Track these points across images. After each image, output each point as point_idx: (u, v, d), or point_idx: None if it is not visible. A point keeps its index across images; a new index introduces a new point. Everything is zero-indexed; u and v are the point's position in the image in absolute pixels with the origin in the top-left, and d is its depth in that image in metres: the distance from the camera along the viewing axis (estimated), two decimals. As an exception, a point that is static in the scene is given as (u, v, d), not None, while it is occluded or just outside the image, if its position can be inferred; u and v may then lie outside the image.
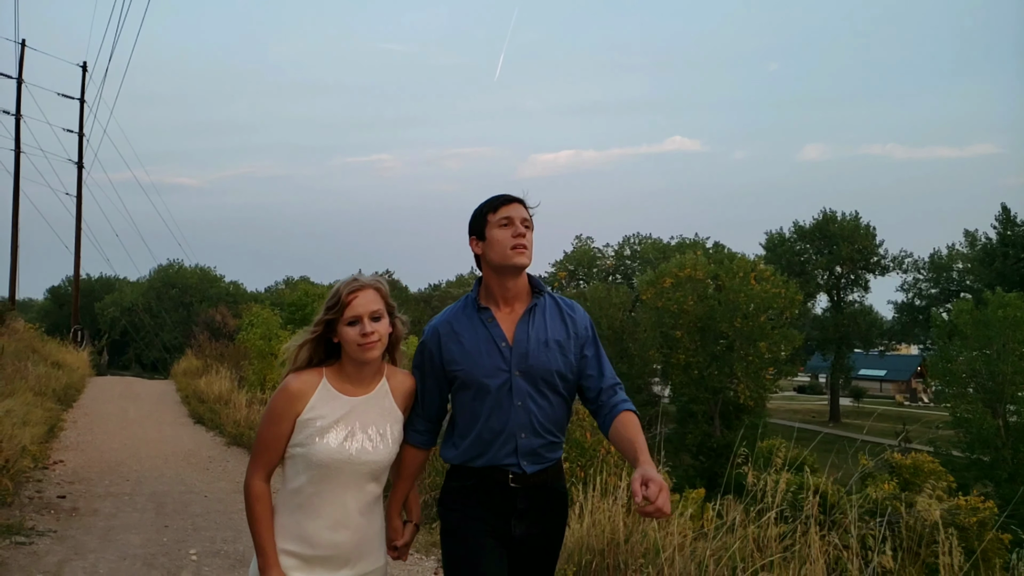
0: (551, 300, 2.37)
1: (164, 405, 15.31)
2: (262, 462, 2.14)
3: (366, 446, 2.14)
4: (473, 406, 2.24)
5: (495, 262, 2.26)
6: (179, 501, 6.55)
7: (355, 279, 2.16)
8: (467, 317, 2.32)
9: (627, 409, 2.31)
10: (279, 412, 2.12)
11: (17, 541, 4.83)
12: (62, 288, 46.71)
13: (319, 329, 2.14)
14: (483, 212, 2.31)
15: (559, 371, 2.26)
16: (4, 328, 17.94)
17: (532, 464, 2.25)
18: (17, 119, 24.90)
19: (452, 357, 2.27)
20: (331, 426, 2.12)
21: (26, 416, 8.82)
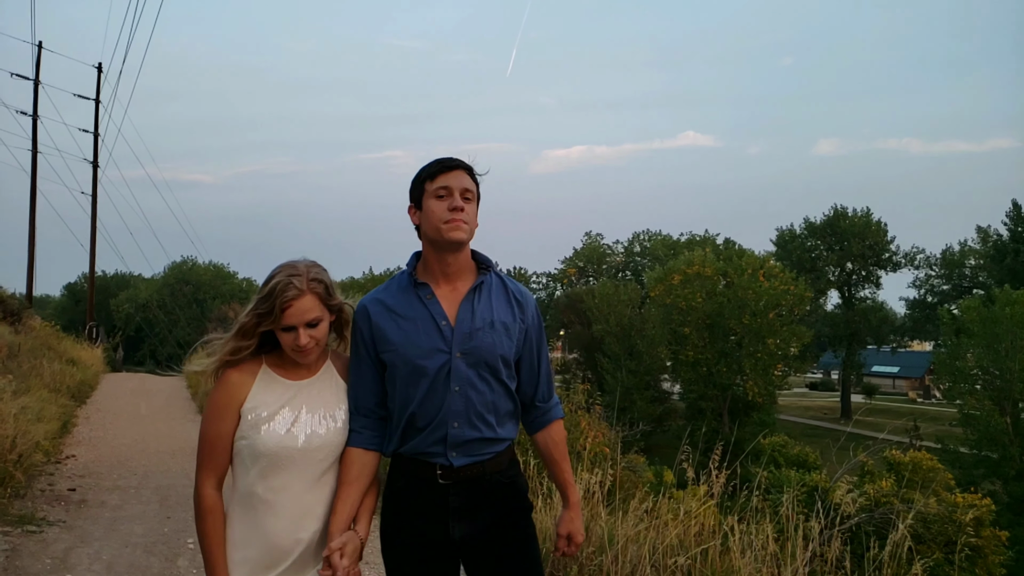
0: (497, 279, 2.16)
1: (175, 401, 15.64)
2: (210, 466, 1.97)
3: (316, 430, 1.99)
4: (406, 392, 2.03)
5: (429, 236, 2.05)
6: (182, 494, 6.81)
7: (290, 281, 1.93)
8: (402, 292, 2.09)
9: (559, 418, 2.23)
10: (220, 406, 1.97)
11: (28, 530, 5.11)
12: (78, 285, 47.39)
13: (249, 329, 1.96)
14: (420, 179, 2.09)
15: (504, 356, 2.06)
16: (21, 326, 18.34)
17: (462, 457, 2.04)
18: (34, 120, 25.37)
19: (384, 336, 2.04)
20: (276, 413, 1.96)
21: (40, 412, 9.14)
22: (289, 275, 1.94)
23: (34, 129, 25.26)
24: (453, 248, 2.05)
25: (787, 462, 16.22)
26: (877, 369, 64.15)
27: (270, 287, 1.93)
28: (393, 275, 2.23)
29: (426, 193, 2.06)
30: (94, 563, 4.60)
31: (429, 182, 2.06)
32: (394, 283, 2.15)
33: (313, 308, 1.95)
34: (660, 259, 49.01)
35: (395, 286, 2.13)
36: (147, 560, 4.72)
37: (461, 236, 2.02)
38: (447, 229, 2.01)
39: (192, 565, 4.68)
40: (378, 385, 2.10)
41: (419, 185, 2.09)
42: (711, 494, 4.36)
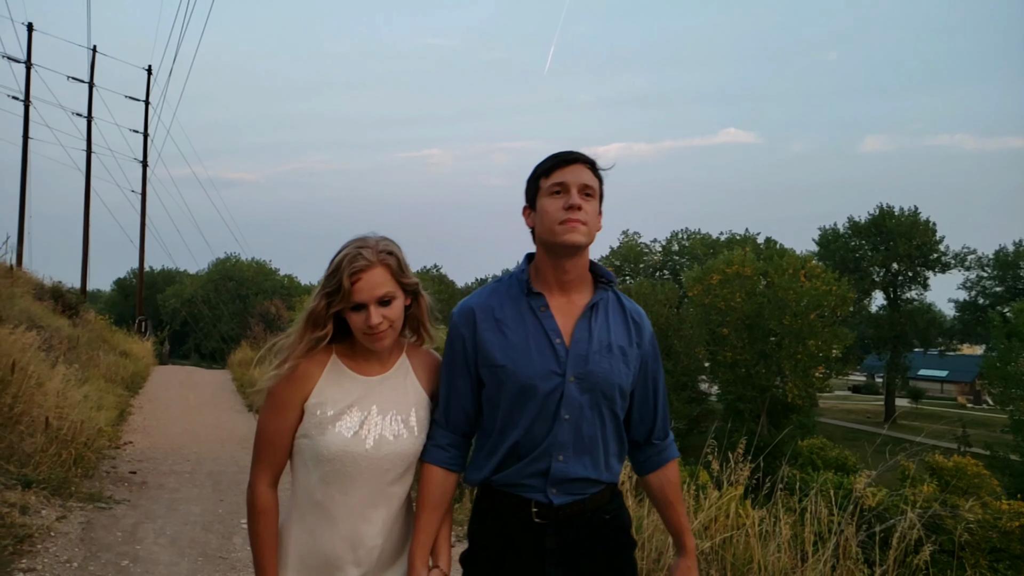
0: (615, 298, 1.93)
1: (221, 393, 16.18)
2: (266, 463, 1.80)
3: (386, 435, 1.78)
4: (510, 415, 1.80)
5: (543, 238, 1.82)
6: (233, 480, 7.16)
7: (359, 252, 1.74)
8: (512, 301, 1.86)
9: (674, 458, 2.02)
10: (282, 399, 1.77)
11: (99, 506, 5.49)
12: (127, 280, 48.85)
13: (320, 315, 1.76)
14: (535, 176, 1.87)
15: (621, 385, 1.84)
16: (78, 319, 19.11)
17: (562, 495, 1.80)
18: (88, 121, 26.35)
19: (489, 349, 1.81)
20: (343, 412, 1.77)
21: (100, 401, 9.63)
22: (357, 247, 1.75)
23: (88, 130, 26.25)
24: (569, 252, 1.81)
25: (825, 464, 16.07)
26: (924, 373, 62.60)
27: (337, 260, 1.74)
28: (498, 277, 2.00)
29: (541, 191, 1.84)
30: (159, 537, 4.93)
31: (544, 178, 1.84)
32: (502, 287, 1.91)
33: (384, 282, 1.74)
34: (699, 258, 48.56)
35: (503, 291, 1.89)
36: (205, 537, 5.04)
37: (578, 239, 1.78)
38: (562, 231, 1.77)
39: (246, 543, 4.98)
40: (472, 401, 1.88)
41: (533, 182, 1.88)
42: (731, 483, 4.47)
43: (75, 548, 4.51)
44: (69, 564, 4.23)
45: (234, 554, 4.74)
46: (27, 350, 7.60)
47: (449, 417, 1.88)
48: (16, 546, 4.15)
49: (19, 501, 4.75)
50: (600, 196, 1.87)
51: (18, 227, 22.88)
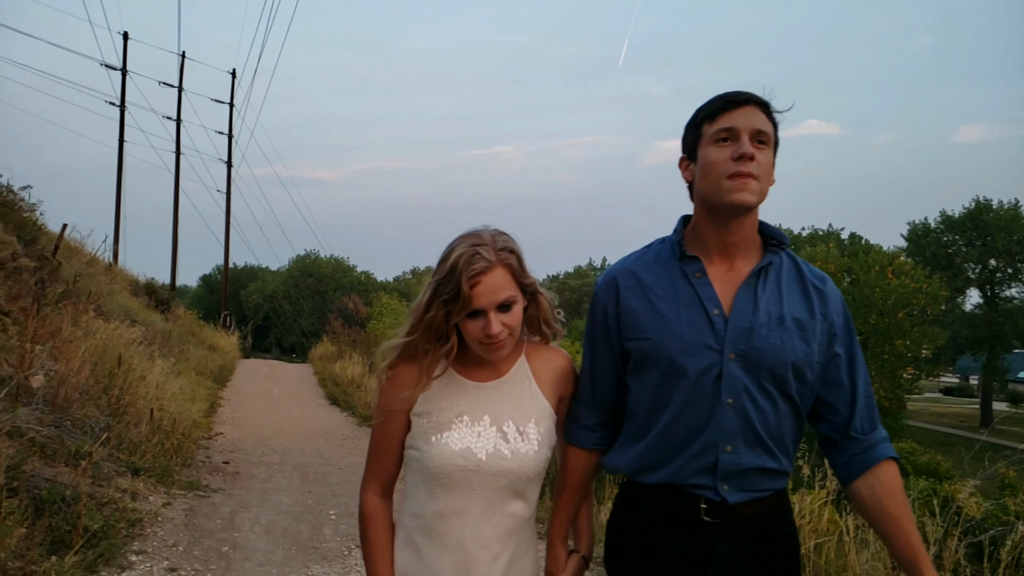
0: (790, 261, 1.63)
1: (304, 387, 16.75)
2: (375, 471, 1.69)
3: (500, 448, 1.58)
4: (658, 394, 1.56)
5: (704, 195, 1.56)
6: (319, 471, 7.39)
7: (477, 251, 1.53)
8: (662, 267, 1.62)
9: (889, 457, 1.58)
10: (388, 404, 1.63)
11: (198, 494, 5.79)
12: (212, 276, 50.97)
13: (440, 325, 1.57)
14: (696, 121, 1.59)
15: (796, 363, 1.53)
16: (169, 314, 20.12)
17: (737, 492, 1.53)
18: (178, 124, 27.61)
19: (635, 320, 1.59)
20: (451, 421, 1.60)
21: (192, 393, 10.12)
22: (473, 244, 1.54)
23: (177, 133, 27.50)
24: (736, 212, 1.53)
25: (916, 470, 15.35)
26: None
27: (451, 262, 1.53)
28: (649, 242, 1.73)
29: (703, 138, 1.55)
30: (255, 526, 5.15)
31: (707, 123, 1.55)
32: (651, 252, 1.67)
33: (505, 285, 1.54)
34: (777, 255, 47.14)
35: (652, 256, 1.66)
36: (297, 527, 5.23)
37: (747, 198, 1.50)
38: (729, 188, 1.49)
39: (336, 533, 5.14)
40: (618, 377, 1.67)
41: (694, 129, 1.59)
42: (821, 486, 4.33)
43: (180, 533, 4.75)
44: (175, 548, 4.47)
45: (325, 544, 4.89)
46: (130, 345, 8.05)
47: (594, 394, 1.69)
48: (129, 529, 4.40)
49: (129, 487, 5.04)
50: (775, 144, 1.57)
51: (114, 226, 24.19)
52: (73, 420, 5.28)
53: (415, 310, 1.62)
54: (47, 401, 5.35)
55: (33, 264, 9.46)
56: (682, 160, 1.64)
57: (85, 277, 11.24)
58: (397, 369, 1.64)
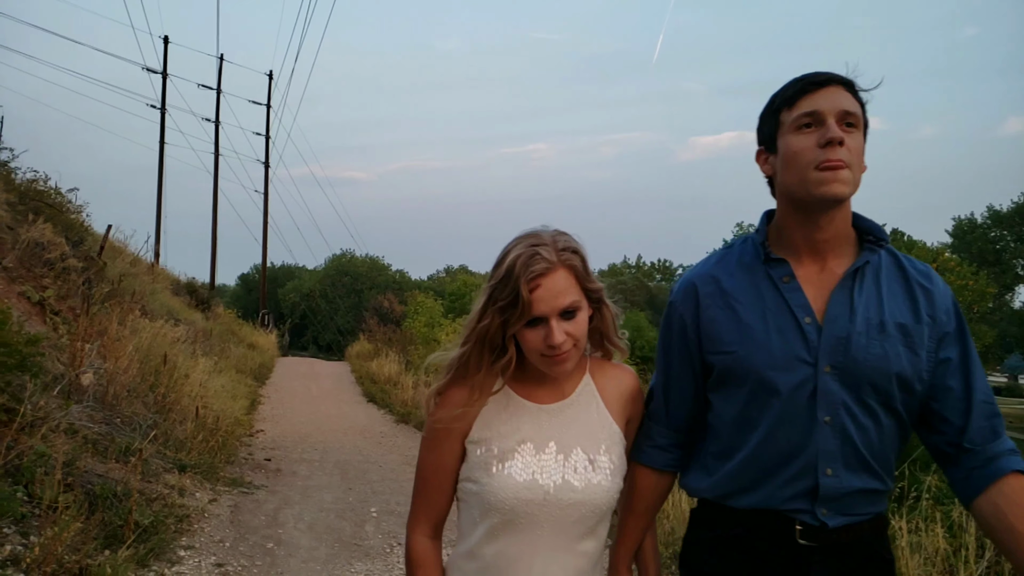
0: (890, 258, 1.46)
1: (341, 385, 16.93)
2: (422, 508, 1.50)
3: (570, 479, 1.41)
4: (746, 413, 1.43)
5: (789, 189, 1.40)
6: (359, 469, 7.46)
7: (536, 252, 1.37)
8: (745, 271, 1.47)
9: (1017, 470, 1.36)
10: (437, 433, 1.46)
11: (243, 491, 5.88)
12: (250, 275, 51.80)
13: (496, 335, 1.41)
14: (774, 108, 1.43)
15: (901, 374, 1.37)
16: (209, 312, 20.51)
17: (837, 516, 1.39)
18: (216, 126, 28.13)
19: (717, 332, 1.45)
20: (513, 449, 1.42)
21: (233, 391, 10.30)
22: (531, 244, 1.38)
23: (216, 134, 28.02)
24: (826, 205, 1.37)
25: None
26: (1073, 374, 57.10)
27: (508, 264, 1.37)
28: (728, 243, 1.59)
29: (783, 127, 1.40)
30: (298, 523, 5.21)
31: (786, 109, 1.40)
32: (732, 255, 1.52)
33: (568, 289, 1.38)
34: (815, 251, 46.37)
35: (734, 259, 1.51)
36: (339, 524, 5.29)
37: (840, 190, 1.34)
38: (818, 179, 1.34)
39: (377, 531, 5.19)
40: (696, 393, 1.53)
41: (772, 116, 1.44)
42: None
43: (226, 529, 4.84)
44: (222, 544, 4.54)
45: (367, 542, 4.93)
46: (174, 343, 8.22)
47: (669, 411, 1.54)
48: (177, 525, 4.49)
49: (177, 484, 5.14)
50: (865, 127, 1.40)
51: (155, 226, 24.74)
52: (122, 417, 5.41)
53: (468, 321, 1.45)
54: (97, 398, 5.49)
55: (81, 264, 9.72)
56: (759, 153, 1.49)
57: (129, 277, 11.51)
58: (448, 393, 1.46)
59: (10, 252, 7.93)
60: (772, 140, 1.45)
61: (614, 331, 1.52)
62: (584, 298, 1.42)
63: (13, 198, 9.63)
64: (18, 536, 3.51)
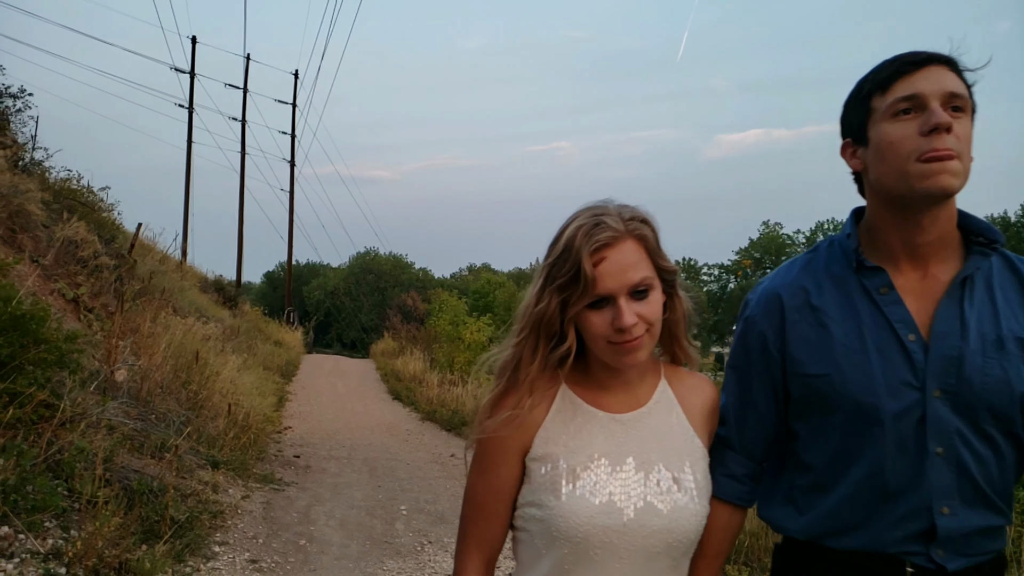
0: (1003, 263, 1.28)
1: (366, 382, 17.03)
2: (473, 540, 1.29)
3: (652, 501, 1.19)
4: (844, 444, 1.25)
5: (886, 185, 1.22)
6: (386, 466, 7.49)
7: (600, 220, 1.19)
8: (835, 282, 1.29)
9: None
10: (492, 449, 1.25)
11: (274, 488, 5.93)
12: (275, 273, 52.31)
13: (553, 319, 1.22)
14: (864, 93, 1.25)
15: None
16: (236, 310, 20.74)
17: (956, 557, 1.21)
18: (243, 125, 28.39)
19: (808, 351, 1.27)
20: (587, 465, 1.20)
21: (261, 388, 10.40)
22: (594, 215, 1.21)
23: (243, 133, 28.31)
24: (931, 202, 1.20)
25: None
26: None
27: (567, 237, 1.20)
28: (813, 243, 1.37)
29: (875, 114, 1.22)
30: (330, 520, 5.25)
31: (879, 94, 1.22)
32: (818, 261, 1.33)
33: (638, 263, 1.19)
34: (842, 250, 45.80)
35: (821, 266, 1.32)
36: (370, 521, 5.31)
37: (948, 182, 1.16)
38: (922, 171, 1.16)
39: (408, 529, 5.20)
40: (776, 419, 1.35)
41: (861, 103, 1.26)
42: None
43: (259, 526, 4.88)
44: (255, 540, 4.58)
45: (398, 539, 4.95)
46: (205, 341, 8.31)
47: (744, 438, 1.35)
48: (211, 521, 4.54)
49: (210, 480, 5.20)
50: (972, 111, 1.22)
51: (183, 225, 25.05)
52: (156, 414, 5.48)
53: (522, 308, 1.27)
54: (131, 395, 5.56)
55: (113, 262, 9.88)
56: (845, 146, 1.31)
57: (158, 274, 11.68)
58: (504, 401, 1.25)
59: (46, 250, 8.07)
60: (861, 130, 1.26)
61: (686, 332, 1.32)
62: (657, 277, 1.23)
63: (48, 197, 9.80)
64: (59, 530, 3.56)
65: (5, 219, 8.10)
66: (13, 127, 12.15)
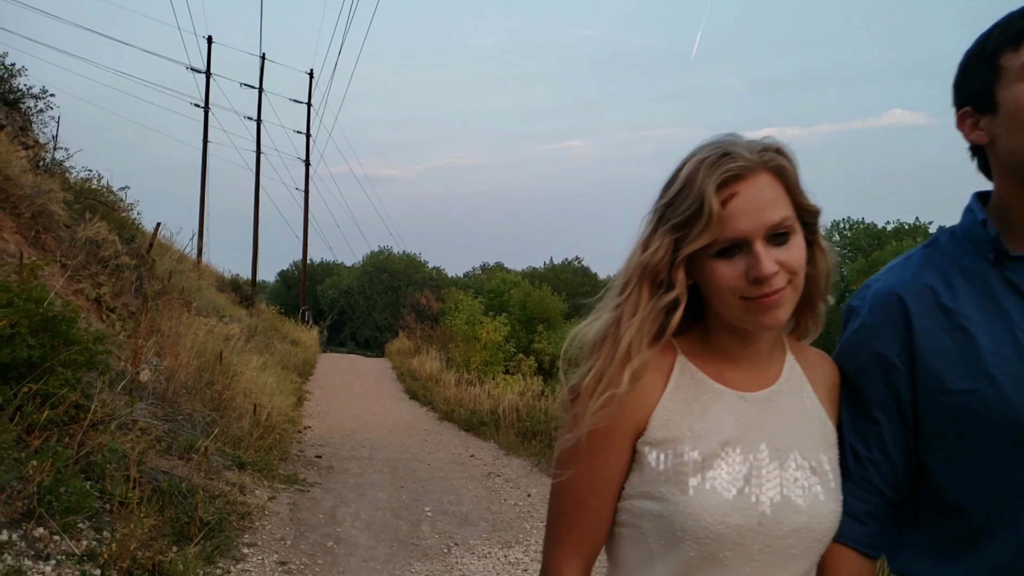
0: None
1: (382, 381, 17.05)
2: (572, 541, 1.07)
3: (790, 495, 1.01)
4: (1009, 476, 1.00)
5: None
6: (408, 467, 7.48)
7: (726, 151, 1.00)
8: (969, 277, 1.07)
9: None
10: (599, 434, 1.02)
11: (299, 488, 5.93)
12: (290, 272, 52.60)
13: (662, 266, 1.02)
14: (990, 51, 1.04)
15: None
16: (253, 309, 20.83)
17: None
18: (258, 124, 28.46)
19: (946, 363, 1.04)
20: (717, 452, 1.01)
21: (280, 387, 10.43)
22: (718, 146, 1.01)
23: (258, 133, 28.34)
24: None
25: None
26: None
27: (687, 171, 1.01)
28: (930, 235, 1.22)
29: (1006, 75, 1.01)
30: (355, 521, 5.24)
31: (1011, 51, 1.01)
32: (942, 254, 1.11)
33: (777, 200, 0.99)
34: (863, 250, 45.42)
35: (947, 260, 1.10)
36: (396, 523, 5.30)
37: None
38: None
39: (433, 531, 5.18)
40: (905, 447, 1.09)
41: (985, 64, 1.04)
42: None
43: (286, 527, 4.88)
44: (283, 542, 4.58)
45: (424, 542, 4.93)
46: (228, 341, 8.34)
47: (865, 469, 1.09)
48: (239, 522, 4.54)
49: (238, 481, 5.20)
50: None
51: (199, 224, 25.18)
52: (183, 414, 5.49)
53: (625, 264, 1.06)
54: (156, 395, 5.58)
55: (133, 262, 9.94)
56: (964, 115, 1.07)
57: (177, 274, 11.73)
58: (605, 379, 1.03)
59: (69, 250, 8.13)
60: (987, 96, 1.03)
61: (826, 293, 1.11)
62: (797, 220, 1.02)
63: (69, 197, 9.87)
64: (92, 531, 3.57)
65: (29, 219, 8.16)
66: (35, 128, 12.28)
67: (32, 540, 3.22)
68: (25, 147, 10.81)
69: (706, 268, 1.00)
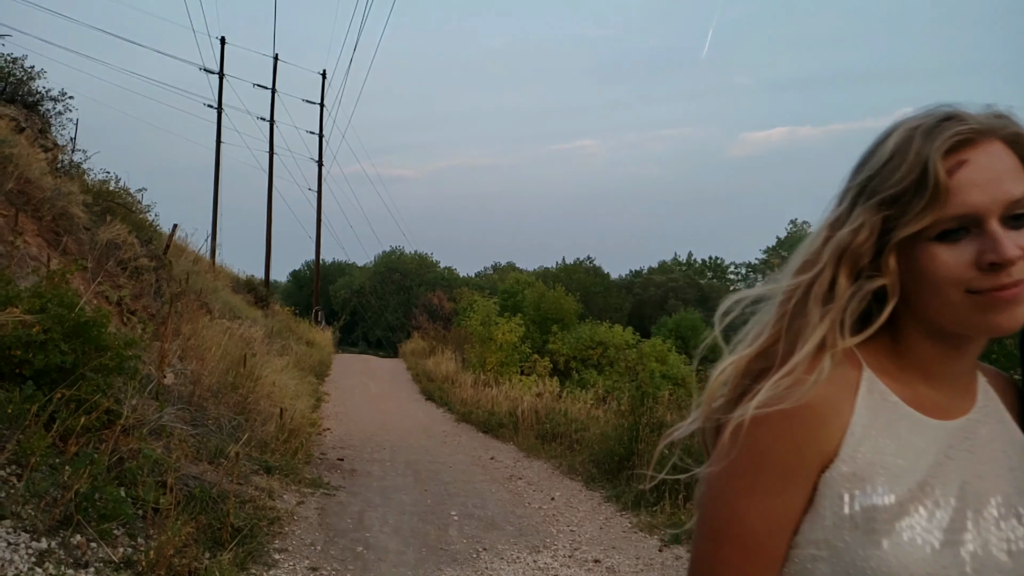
0: None
1: (398, 382, 17.05)
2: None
3: (993, 548, 0.80)
4: None
5: None
6: (429, 469, 7.46)
7: (949, 114, 0.82)
8: None
9: None
10: (778, 457, 0.80)
11: (325, 493, 5.91)
12: (302, 272, 52.70)
13: (864, 249, 0.83)
14: None
15: None
16: (267, 310, 20.87)
17: None
18: (271, 125, 28.53)
19: None
20: (915, 495, 0.80)
21: (299, 389, 10.43)
22: (935, 113, 0.83)
23: (271, 133, 28.43)
24: None
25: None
26: None
27: (897, 139, 0.83)
28: None
29: None
30: (383, 526, 5.21)
31: None
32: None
33: (1017, 171, 0.80)
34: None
35: None
36: (424, 528, 5.27)
37: None
38: None
39: (461, 535, 5.15)
40: None
41: None
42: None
43: (316, 532, 4.86)
44: (313, 547, 4.56)
45: (452, 546, 4.90)
46: (250, 344, 8.34)
47: None
48: (269, 527, 4.52)
49: (266, 486, 5.19)
50: None
51: (212, 225, 25.25)
52: (210, 419, 5.48)
53: (811, 241, 0.87)
54: (182, 399, 5.58)
55: (152, 264, 9.96)
56: None
57: (193, 275, 11.76)
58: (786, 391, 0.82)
59: (90, 253, 8.15)
60: None
61: None
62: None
63: (88, 199, 9.90)
64: (127, 538, 3.56)
65: (50, 222, 8.20)
66: (54, 130, 12.34)
67: (70, 548, 3.21)
68: (45, 149, 10.86)
69: (921, 254, 0.80)
